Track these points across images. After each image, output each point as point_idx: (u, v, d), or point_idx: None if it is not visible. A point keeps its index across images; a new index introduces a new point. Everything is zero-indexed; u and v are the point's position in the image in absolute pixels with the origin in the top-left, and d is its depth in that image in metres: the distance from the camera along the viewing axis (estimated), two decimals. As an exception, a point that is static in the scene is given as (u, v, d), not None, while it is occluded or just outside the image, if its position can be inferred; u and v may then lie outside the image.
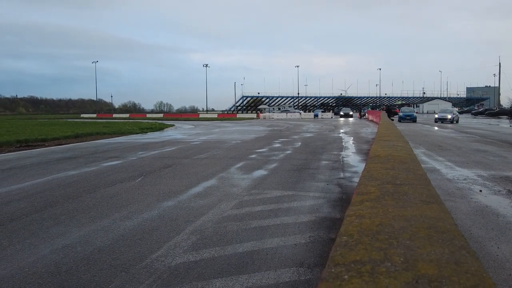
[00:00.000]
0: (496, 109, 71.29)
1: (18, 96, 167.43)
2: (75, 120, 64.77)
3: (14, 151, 16.01)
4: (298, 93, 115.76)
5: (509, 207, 6.43)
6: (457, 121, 40.03)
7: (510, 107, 70.38)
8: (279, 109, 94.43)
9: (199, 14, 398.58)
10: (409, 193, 2.72)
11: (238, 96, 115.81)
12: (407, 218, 2.08)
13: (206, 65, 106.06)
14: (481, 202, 6.72)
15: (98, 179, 9.16)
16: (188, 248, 4.64)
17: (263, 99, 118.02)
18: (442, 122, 38.77)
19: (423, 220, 2.04)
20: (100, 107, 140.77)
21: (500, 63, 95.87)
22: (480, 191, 7.57)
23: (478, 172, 9.69)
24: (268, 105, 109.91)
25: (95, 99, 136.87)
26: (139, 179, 9.06)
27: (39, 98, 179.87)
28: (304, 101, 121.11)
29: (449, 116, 39.44)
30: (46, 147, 17.53)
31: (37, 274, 3.98)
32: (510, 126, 33.76)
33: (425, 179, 3.43)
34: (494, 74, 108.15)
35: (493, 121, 47.10)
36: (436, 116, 41.44)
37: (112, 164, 11.75)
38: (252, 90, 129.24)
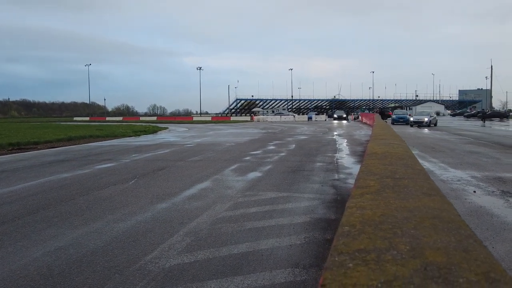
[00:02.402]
0: (488, 111, 71.86)
1: (11, 99, 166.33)
2: (68, 123, 64.45)
3: (6, 154, 15.86)
4: (292, 96, 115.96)
5: (503, 207, 6.45)
6: (435, 124, 37.13)
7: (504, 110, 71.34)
8: (273, 112, 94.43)
9: (193, 18, 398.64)
10: (410, 186, 2.71)
11: (232, 99, 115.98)
12: (410, 209, 2.06)
13: (200, 68, 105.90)
14: (476, 203, 6.74)
15: (91, 182, 9.09)
16: (182, 249, 4.60)
17: (257, 102, 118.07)
18: (418, 126, 35.36)
19: (426, 211, 2.02)
20: (93, 110, 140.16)
21: (492, 66, 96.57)
22: (474, 192, 7.59)
23: (472, 173, 9.73)
24: (262, 108, 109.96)
25: (88, 102, 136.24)
26: (132, 182, 9.00)
27: (31, 101, 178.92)
28: (298, 104, 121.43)
29: (426, 119, 36.09)
30: (38, 150, 17.39)
31: (29, 277, 3.92)
32: (482, 126, 39.49)
33: (424, 173, 3.43)
34: (486, 77, 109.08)
35: (485, 123, 47.41)
36: (411, 119, 37.63)
37: (105, 166, 11.67)
38: (246, 93, 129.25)
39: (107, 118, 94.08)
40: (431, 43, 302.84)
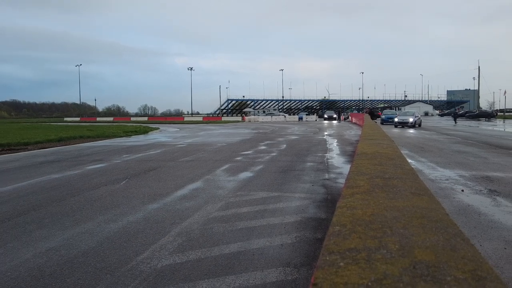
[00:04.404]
0: (476, 111, 72.63)
1: (0, 100, 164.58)
2: (58, 123, 63.89)
3: (-5, 155, 15.68)
4: (283, 96, 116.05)
5: (490, 206, 6.52)
6: (419, 125, 36.20)
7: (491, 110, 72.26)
8: (264, 112, 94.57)
9: (185, 18, 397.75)
10: (399, 186, 2.74)
11: (223, 99, 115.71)
12: (399, 209, 2.08)
13: (191, 68, 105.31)
14: (463, 202, 6.81)
15: (82, 182, 9.02)
16: (174, 250, 4.59)
17: (248, 102, 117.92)
18: (402, 127, 34.33)
19: (415, 210, 2.04)
20: (83, 110, 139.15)
21: (479, 67, 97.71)
22: (462, 190, 7.67)
23: (460, 172, 9.83)
24: (253, 108, 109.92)
25: (78, 102, 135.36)
26: (123, 182, 8.95)
27: (21, 101, 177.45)
28: (289, 104, 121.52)
29: (411, 120, 34.79)
30: (28, 151, 17.22)
31: (20, 278, 3.88)
32: (454, 125, 40.36)
33: (413, 173, 3.47)
34: (474, 78, 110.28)
35: (473, 123, 47.91)
36: (396, 119, 36.14)
37: (96, 167, 11.59)
38: (237, 93, 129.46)
39: (98, 119, 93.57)
40: (420, 44, 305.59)
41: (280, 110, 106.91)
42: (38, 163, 12.67)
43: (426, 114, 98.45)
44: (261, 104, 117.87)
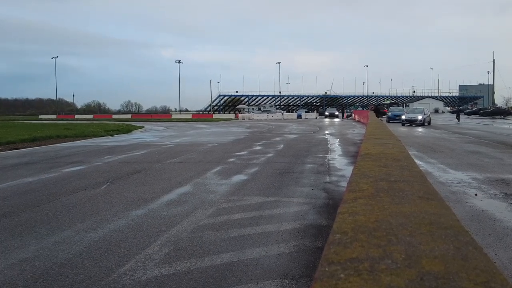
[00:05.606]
0: (491, 108, 73.01)
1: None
2: (32, 121, 63.54)
3: (-37, 156, 15.58)
4: (280, 92, 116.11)
5: (506, 211, 6.56)
6: (428, 123, 36.47)
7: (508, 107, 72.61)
8: (259, 109, 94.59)
9: (172, 7, 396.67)
10: (406, 189, 2.74)
11: (215, 95, 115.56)
12: (406, 215, 2.09)
13: (179, 61, 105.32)
14: (477, 207, 6.84)
15: (58, 186, 8.99)
16: (160, 260, 4.58)
17: (242, 98, 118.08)
18: (411, 125, 34.85)
19: (423, 216, 2.05)
20: (60, 107, 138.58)
21: (494, 60, 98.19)
22: (476, 194, 7.70)
23: (473, 174, 9.88)
24: (248, 105, 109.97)
25: (55, 98, 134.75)
26: (104, 186, 8.92)
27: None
28: (287, 100, 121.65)
29: (420, 117, 35.11)
30: (-1, 151, 17.13)
31: (-10, 293, 3.86)
32: (457, 123, 41.58)
33: (421, 176, 3.48)
34: (488, 72, 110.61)
35: (487, 121, 48.16)
36: (403, 117, 36.87)
37: (75, 169, 11.56)
38: (230, 89, 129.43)
39: (76, 116, 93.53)
40: (429, 35, 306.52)
41: (277, 107, 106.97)
42: (10, 166, 12.61)
43: (437, 111, 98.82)
44: (256, 100, 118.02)
